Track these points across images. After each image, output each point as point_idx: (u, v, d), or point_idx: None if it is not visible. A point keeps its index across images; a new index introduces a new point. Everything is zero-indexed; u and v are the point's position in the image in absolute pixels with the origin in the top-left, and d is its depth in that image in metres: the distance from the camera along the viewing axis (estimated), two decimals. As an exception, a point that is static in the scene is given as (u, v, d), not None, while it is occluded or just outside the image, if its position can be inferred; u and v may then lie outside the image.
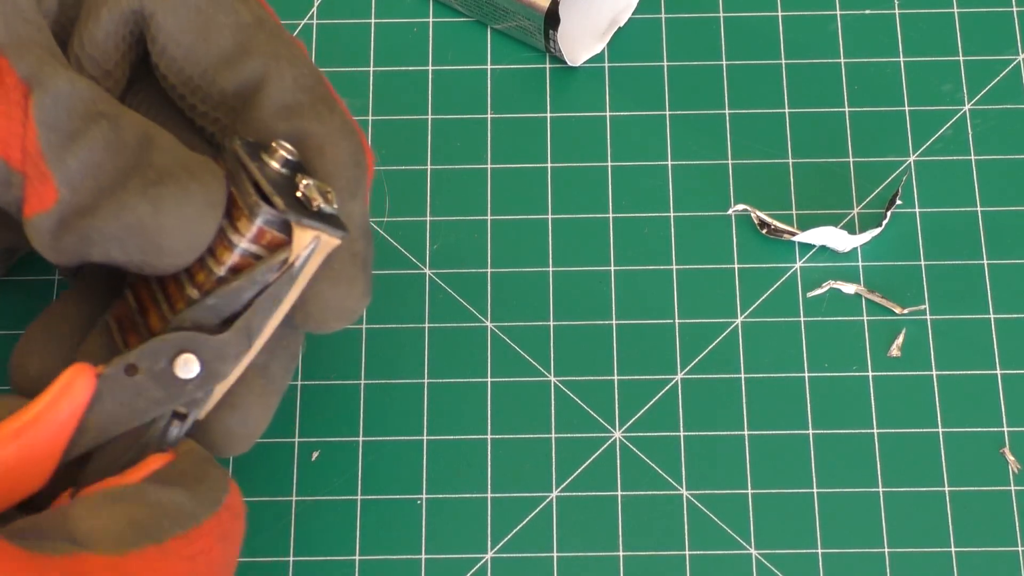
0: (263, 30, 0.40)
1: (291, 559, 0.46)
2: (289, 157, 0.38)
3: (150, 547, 0.36)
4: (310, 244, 0.38)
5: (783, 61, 0.52)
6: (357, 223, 0.40)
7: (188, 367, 0.38)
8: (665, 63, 0.52)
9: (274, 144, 0.38)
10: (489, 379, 0.48)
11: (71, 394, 0.37)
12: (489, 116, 0.52)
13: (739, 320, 0.49)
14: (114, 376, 0.37)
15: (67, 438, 0.37)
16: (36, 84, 0.37)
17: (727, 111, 0.52)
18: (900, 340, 0.48)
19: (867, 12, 0.53)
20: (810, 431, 0.47)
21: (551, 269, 0.50)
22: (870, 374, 0.48)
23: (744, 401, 0.48)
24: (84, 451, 0.38)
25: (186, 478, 0.38)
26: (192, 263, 0.38)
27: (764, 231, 0.50)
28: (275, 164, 0.38)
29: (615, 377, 0.48)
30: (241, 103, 0.40)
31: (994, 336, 0.48)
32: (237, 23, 0.40)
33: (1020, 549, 0.46)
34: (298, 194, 0.38)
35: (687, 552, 0.46)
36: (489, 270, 0.50)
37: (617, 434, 0.48)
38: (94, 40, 0.40)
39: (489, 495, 0.47)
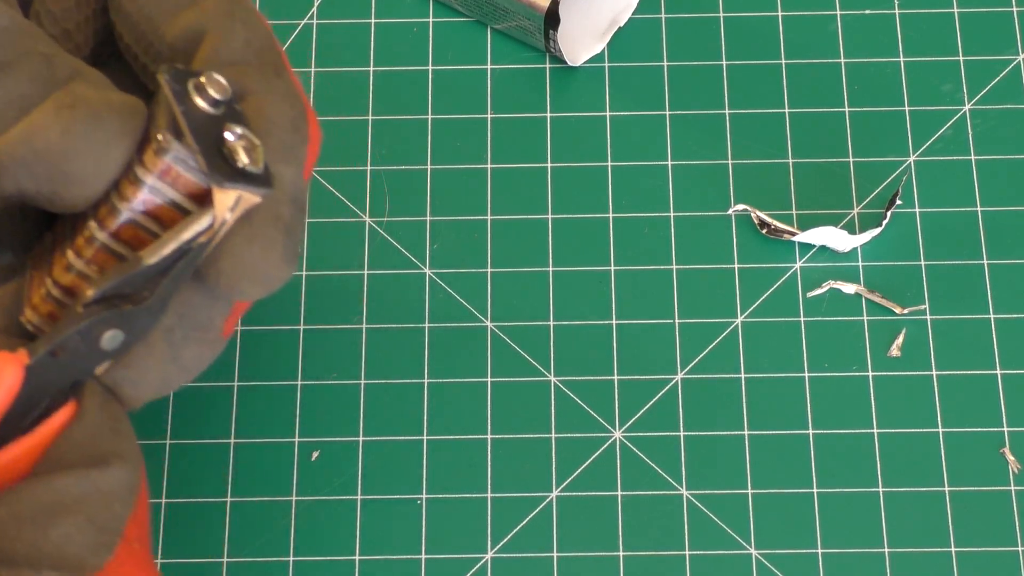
0: None
1: (291, 559, 0.46)
2: (219, 97, 0.36)
3: (119, 546, 0.35)
4: (232, 205, 0.36)
5: (783, 61, 0.52)
6: (287, 189, 0.38)
7: (114, 340, 0.36)
8: (665, 63, 0.52)
9: (204, 78, 0.36)
10: (489, 379, 0.48)
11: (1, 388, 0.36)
12: (489, 116, 0.52)
13: (739, 320, 0.49)
14: (41, 361, 0.36)
15: None
16: None
17: (727, 111, 0.52)
18: (900, 340, 0.48)
19: (867, 12, 0.53)
20: (810, 431, 0.47)
21: (551, 269, 0.50)
22: (870, 374, 0.48)
23: (744, 401, 0.48)
24: None
25: (102, 439, 0.36)
26: (100, 198, 0.36)
27: (764, 231, 0.50)
28: (201, 102, 0.36)
29: (615, 377, 0.48)
30: (186, 58, 0.39)
31: (994, 336, 0.48)
32: None
33: (1020, 549, 0.46)
34: (224, 149, 0.36)
35: (687, 552, 0.46)
36: (489, 270, 0.50)
37: (617, 434, 0.48)
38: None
39: (489, 495, 0.47)
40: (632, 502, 0.47)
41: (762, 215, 0.50)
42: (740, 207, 0.50)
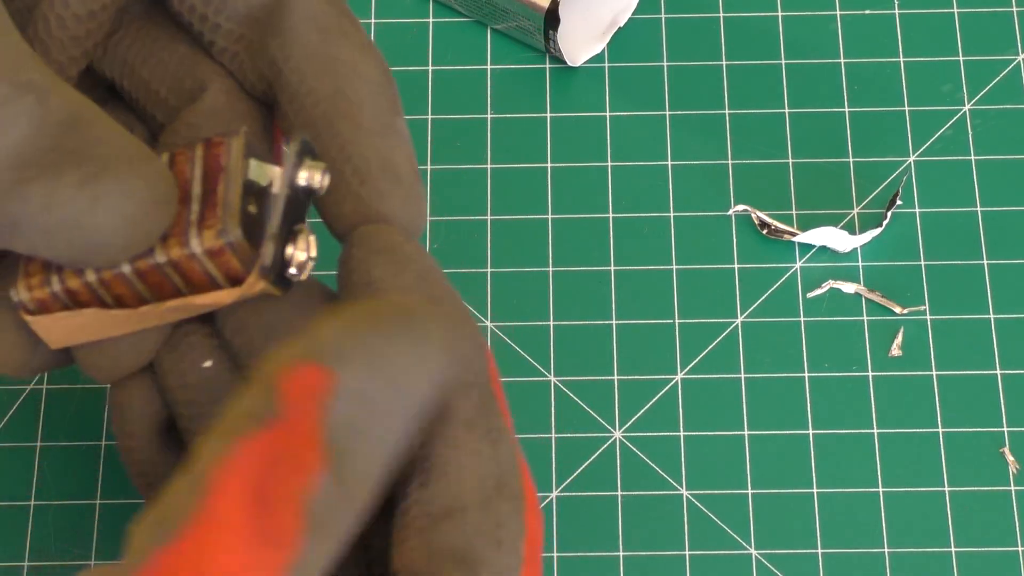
0: None
1: (291, 559, 0.46)
2: (316, 187, 0.35)
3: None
4: (257, 291, 0.35)
5: (783, 61, 0.52)
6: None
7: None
8: (665, 63, 0.52)
9: (324, 167, 0.35)
10: (489, 379, 0.48)
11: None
12: (489, 116, 0.52)
13: (739, 320, 0.49)
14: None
15: None
16: None
17: (727, 111, 0.52)
18: (900, 339, 0.48)
19: (867, 12, 0.53)
20: (810, 431, 0.47)
21: (551, 269, 0.50)
22: (870, 374, 0.48)
23: (744, 401, 0.48)
24: None
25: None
26: None
27: (764, 231, 0.50)
28: (303, 179, 0.35)
29: (615, 377, 0.48)
30: (257, 26, 0.37)
31: (994, 336, 0.48)
32: None
33: (1020, 549, 0.46)
34: (288, 250, 0.35)
35: (687, 552, 0.46)
36: (489, 270, 0.50)
37: (617, 434, 0.48)
38: None
39: (489, 495, 0.47)
40: (632, 502, 0.47)
41: (762, 215, 0.50)
42: (740, 207, 0.50)
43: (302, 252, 0.35)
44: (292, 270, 0.35)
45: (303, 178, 0.35)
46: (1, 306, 0.37)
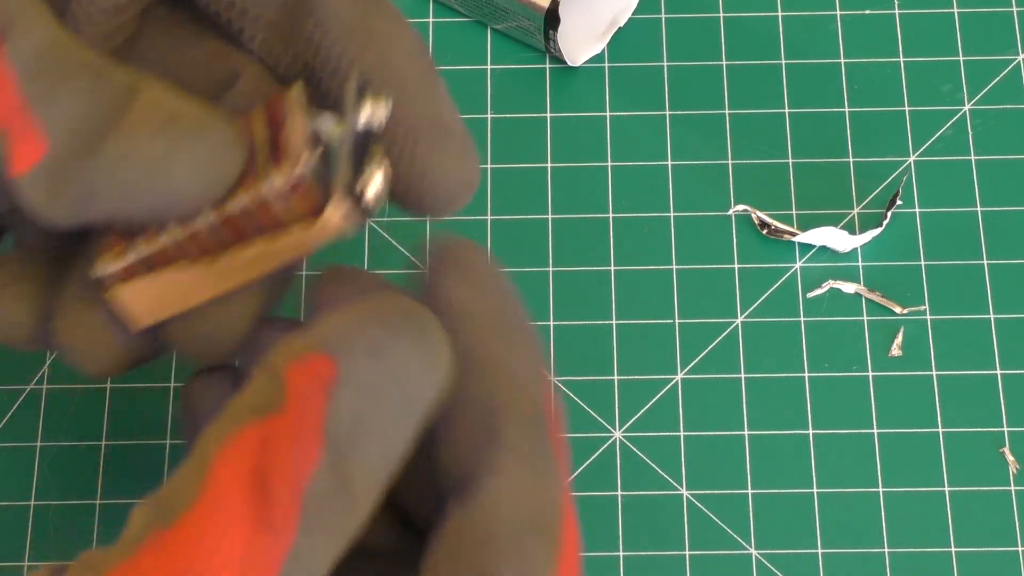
0: None
1: (291, 559, 0.46)
2: (379, 121, 0.35)
3: None
4: (336, 223, 0.35)
5: (783, 61, 0.52)
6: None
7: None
8: (665, 63, 0.52)
9: (377, 97, 0.35)
10: (489, 379, 0.48)
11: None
12: (489, 116, 0.52)
13: (739, 320, 0.49)
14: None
15: None
16: (11, 33, 0.34)
17: (727, 111, 0.52)
18: (900, 339, 0.48)
19: (867, 12, 0.53)
20: (810, 431, 0.47)
21: (551, 269, 0.50)
22: (870, 374, 0.48)
23: (744, 401, 0.48)
24: None
25: None
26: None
27: (764, 231, 0.50)
28: (364, 117, 0.35)
29: (615, 377, 0.48)
30: (286, 9, 0.38)
31: (994, 336, 0.48)
32: None
33: (1020, 549, 0.46)
34: (361, 175, 0.35)
35: (687, 552, 0.46)
36: (489, 270, 0.50)
37: (617, 434, 0.48)
38: None
39: (489, 495, 0.47)
40: (632, 502, 0.47)
41: (762, 215, 0.50)
42: (740, 207, 0.50)
43: (373, 186, 0.35)
44: (367, 197, 0.35)
45: (364, 114, 0.35)
46: (88, 303, 0.37)
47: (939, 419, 0.47)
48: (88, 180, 0.33)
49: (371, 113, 0.36)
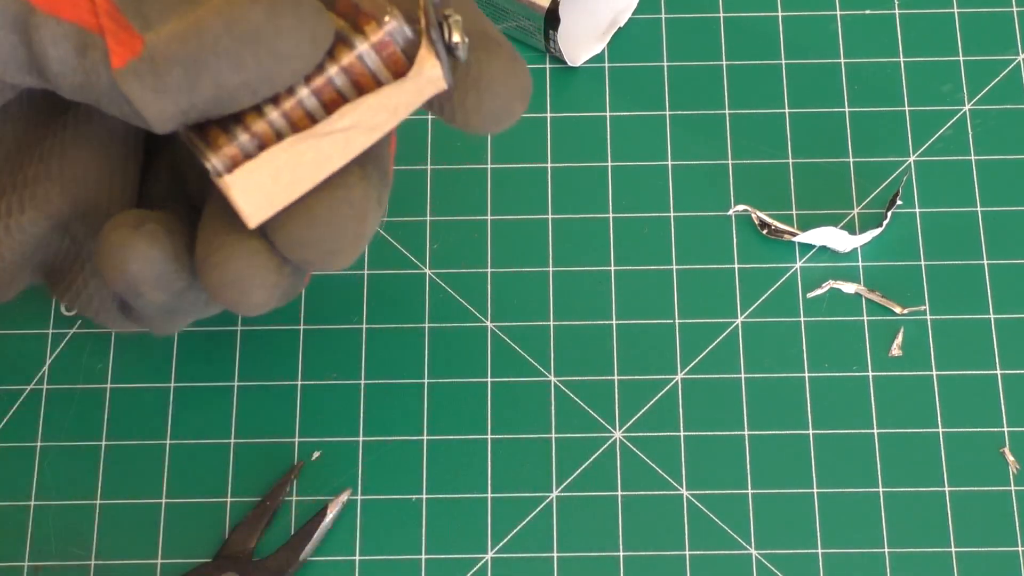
0: None
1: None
2: None
3: None
4: (431, 77, 0.36)
5: (783, 61, 0.52)
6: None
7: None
8: (665, 63, 0.52)
9: None
10: (489, 379, 0.48)
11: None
12: (489, 116, 0.52)
13: (739, 320, 0.49)
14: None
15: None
16: None
17: (727, 111, 0.52)
18: (900, 339, 0.48)
19: (867, 12, 0.53)
20: (810, 431, 0.47)
21: (551, 269, 0.50)
22: (870, 374, 0.48)
23: (744, 401, 0.48)
24: None
25: None
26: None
27: (764, 231, 0.50)
28: None
29: (615, 377, 0.48)
30: None
31: (994, 336, 0.48)
32: None
33: (1020, 549, 0.46)
34: (442, 25, 0.36)
35: (687, 552, 0.46)
36: (489, 270, 0.50)
37: (617, 434, 0.48)
38: None
39: (489, 495, 0.47)
40: (632, 502, 0.47)
41: (762, 215, 0.50)
42: (740, 207, 0.50)
43: (456, 35, 0.36)
44: (454, 42, 0.36)
45: None
46: (235, 233, 0.38)
47: (939, 419, 0.47)
48: (191, 56, 0.35)
49: None
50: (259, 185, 0.37)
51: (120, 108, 0.36)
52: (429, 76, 0.36)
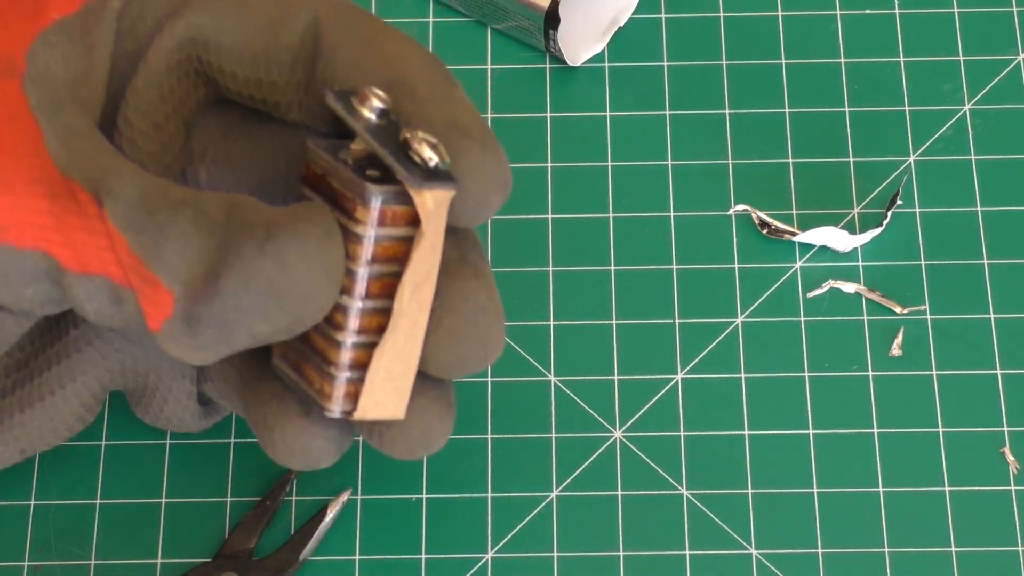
0: None
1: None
2: (382, 105, 0.37)
3: None
4: (432, 206, 0.36)
5: (783, 61, 0.52)
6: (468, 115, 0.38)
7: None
8: (665, 63, 0.52)
9: (365, 91, 0.37)
10: (489, 379, 0.48)
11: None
12: (489, 116, 0.52)
13: (739, 320, 0.49)
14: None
15: None
16: (104, 194, 0.36)
17: (727, 111, 0.52)
18: (900, 339, 0.48)
19: (867, 12, 0.53)
20: (810, 431, 0.47)
21: (551, 269, 0.50)
22: (870, 374, 0.48)
23: (744, 401, 0.48)
24: None
25: None
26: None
27: (764, 231, 0.50)
28: (368, 114, 0.36)
29: (615, 377, 0.48)
30: (308, 62, 0.39)
31: (994, 336, 0.48)
32: None
33: (1020, 549, 0.46)
34: (411, 155, 0.36)
35: (687, 552, 0.46)
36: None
37: (617, 434, 0.48)
38: (138, 92, 0.39)
39: (489, 495, 0.47)
40: (632, 502, 0.47)
41: (762, 215, 0.50)
42: (740, 207, 0.50)
43: (421, 147, 0.36)
44: (425, 158, 0.36)
45: (365, 110, 0.36)
46: (292, 413, 0.39)
47: (939, 419, 0.47)
48: (220, 318, 0.35)
49: (367, 102, 0.37)
50: (383, 392, 0.37)
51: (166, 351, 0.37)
52: (437, 202, 0.36)
